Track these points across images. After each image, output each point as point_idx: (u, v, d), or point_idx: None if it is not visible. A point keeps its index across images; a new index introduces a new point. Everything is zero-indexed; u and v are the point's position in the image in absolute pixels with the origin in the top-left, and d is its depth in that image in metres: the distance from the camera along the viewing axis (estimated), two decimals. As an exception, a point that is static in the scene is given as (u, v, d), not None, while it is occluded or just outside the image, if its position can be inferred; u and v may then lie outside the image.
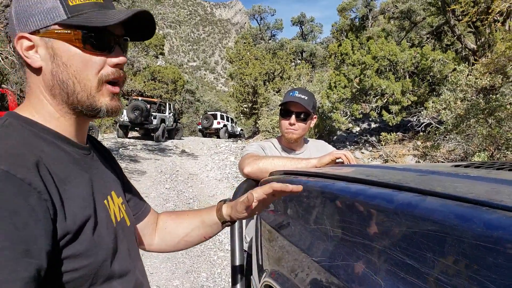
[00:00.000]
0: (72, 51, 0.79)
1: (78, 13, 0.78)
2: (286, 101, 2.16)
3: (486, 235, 0.62)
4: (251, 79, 21.19)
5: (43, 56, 0.79)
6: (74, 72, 0.80)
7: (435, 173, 1.13)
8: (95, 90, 0.82)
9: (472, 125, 6.63)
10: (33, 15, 0.77)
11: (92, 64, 0.81)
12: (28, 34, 0.78)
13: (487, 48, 11.10)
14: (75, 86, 0.80)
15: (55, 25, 0.78)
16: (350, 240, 0.94)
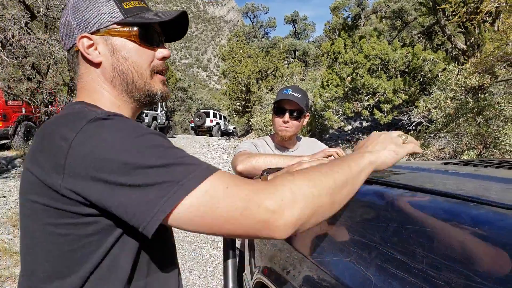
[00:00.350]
0: (130, 46, 0.91)
1: (132, 14, 0.91)
2: (280, 99, 2.16)
3: (474, 229, 0.63)
4: (244, 77, 21.14)
5: (102, 52, 0.91)
6: (132, 63, 0.92)
7: (425, 170, 1.15)
8: (149, 78, 0.95)
9: (461, 124, 6.70)
10: (92, 18, 0.90)
11: (146, 56, 0.93)
12: (88, 34, 0.90)
13: (477, 48, 11.22)
14: (134, 76, 0.92)
15: (113, 25, 0.90)
16: (341, 236, 0.95)
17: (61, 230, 0.76)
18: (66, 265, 0.78)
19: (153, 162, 0.71)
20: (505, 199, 0.70)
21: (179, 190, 0.70)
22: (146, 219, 0.69)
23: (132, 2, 0.93)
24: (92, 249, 0.77)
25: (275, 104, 2.21)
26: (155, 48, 0.96)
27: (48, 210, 0.75)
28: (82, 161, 0.70)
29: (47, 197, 0.74)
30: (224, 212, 0.71)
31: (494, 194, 0.76)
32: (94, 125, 0.74)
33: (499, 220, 0.63)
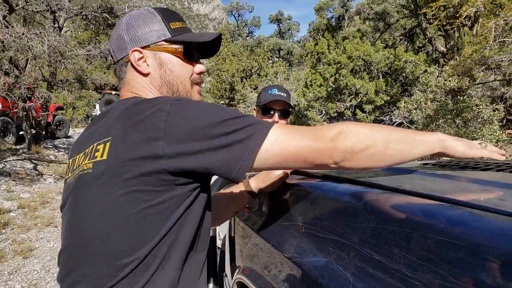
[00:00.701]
0: (175, 60, 1.05)
1: (178, 33, 1.05)
2: (270, 99, 2.16)
3: (449, 230, 0.64)
4: (228, 76, 21.08)
5: (151, 64, 1.04)
6: (178, 75, 1.05)
7: (403, 171, 1.16)
8: (190, 88, 1.08)
9: (441, 125, 6.83)
10: (144, 34, 1.03)
11: (187, 70, 1.07)
12: (140, 48, 1.03)
13: (456, 51, 11.45)
14: (179, 86, 1.06)
15: (162, 41, 1.03)
16: (320, 236, 0.95)
17: (147, 197, 0.83)
18: (142, 231, 0.84)
19: (234, 115, 0.85)
20: (480, 201, 0.71)
21: (263, 128, 0.84)
22: (242, 157, 0.83)
23: (177, 23, 1.07)
24: (166, 214, 0.85)
25: (263, 104, 2.20)
26: (194, 64, 1.09)
27: (140, 178, 0.82)
28: (179, 126, 0.81)
29: (144, 166, 0.82)
30: (299, 144, 0.85)
31: (470, 196, 0.77)
32: (179, 102, 0.86)
33: (474, 221, 0.64)
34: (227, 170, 0.83)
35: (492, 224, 0.62)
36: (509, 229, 0.59)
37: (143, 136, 0.82)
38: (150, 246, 0.85)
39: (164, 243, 0.86)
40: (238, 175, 0.84)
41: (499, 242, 0.56)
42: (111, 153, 0.85)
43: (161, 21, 1.04)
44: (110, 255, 0.84)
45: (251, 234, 1.35)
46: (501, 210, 0.64)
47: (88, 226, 0.87)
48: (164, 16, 1.05)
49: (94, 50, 11.74)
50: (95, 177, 0.86)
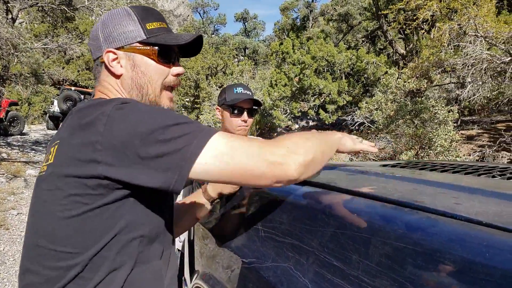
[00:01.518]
0: (149, 63, 1.01)
1: (154, 34, 1.01)
2: (240, 98, 2.12)
3: (407, 236, 0.63)
4: (193, 73, 20.85)
5: (124, 66, 1.01)
6: (149, 78, 1.02)
7: (363, 173, 1.16)
8: (159, 93, 1.04)
9: (400, 125, 7.05)
10: (118, 35, 1.00)
11: (162, 72, 1.03)
12: (114, 49, 1.00)
13: (415, 53, 11.87)
14: (149, 89, 1.02)
15: (136, 43, 1.00)
16: (280, 241, 0.94)
17: (87, 200, 0.81)
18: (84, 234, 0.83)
19: (175, 121, 0.82)
20: (437, 204, 0.71)
21: (203, 137, 0.81)
22: (179, 167, 0.79)
23: (155, 23, 1.03)
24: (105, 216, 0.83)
25: (232, 103, 2.15)
26: (171, 65, 1.05)
27: (78, 181, 0.81)
28: (117, 131, 0.79)
29: (81, 168, 0.80)
30: (244, 158, 0.82)
31: (427, 199, 0.77)
32: (123, 106, 0.84)
33: (431, 226, 0.63)
34: (164, 182, 0.80)
35: (448, 229, 0.62)
36: (464, 234, 0.59)
37: (84, 140, 0.81)
38: (94, 250, 0.83)
39: (112, 246, 0.85)
40: (177, 187, 0.81)
41: (455, 248, 0.56)
42: (57, 156, 0.86)
43: (136, 22, 1.02)
44: (56, 257, 0.84)
45: (210, 238, 1.31)
46: (456, 214, 0.64)
47: (39, 227, 0.88)
48: (140, 16, 1.02)
49: (52, 43, 11.27)
50: (45, 180, 0.87)
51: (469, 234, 0.58)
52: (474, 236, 0.58)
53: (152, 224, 0.91)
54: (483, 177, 1.02)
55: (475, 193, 0.82)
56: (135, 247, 0.88)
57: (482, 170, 1.11)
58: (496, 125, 10.22)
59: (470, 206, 0.72)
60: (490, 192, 0.81)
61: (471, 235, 0.58)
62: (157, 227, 0.93)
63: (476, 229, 0.59)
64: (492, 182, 0.95)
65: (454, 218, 0.64)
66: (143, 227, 0.89)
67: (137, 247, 0.88)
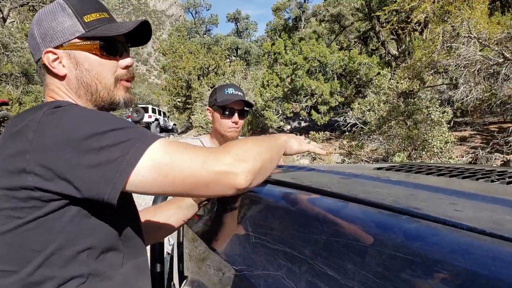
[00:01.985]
0: (92, 58, 0.95)
1: (93, 27, 0.94)
2: (230, 99, 2.09)
3: (405, 245, 0.60)
4: (185, 73, 20.78)
5: (67, 65, 0.95)
6: (96, 75, 0.96)
7: (358, 176, 1.13)
8: (113, 87, 0.99)
9: (393, 127, 7.06)
10: (55, 33, 0.93)
11: (108, 67, 0.97)
12: (53, 48, 0.94)
13: (407, 55, 11.94)
14: (98, 86, 0.97)
15: (75, 39, 0.94)
16: (271, 248, 0.90)
17: (20, 214, 0.76)
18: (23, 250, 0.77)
19: (111, 127, 0.76)
20: (436, 212, 0.68)
21: (141, 146, 0.75)
22: (112, 180, 0.73)
23: (93, 14, 0.96)
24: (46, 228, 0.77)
25: (222, 104, 2.12)
26: (118, 58, 1.00)
27: (9, 194, 0.75)
28: (47, 138, 0.74)
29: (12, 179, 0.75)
30: (186, 168, 0.77)
31: (426, 205, 0.74)
32: (54, 110, 0.79)
33: (431, 236, 0.60)
34: (97, 194, 0.74)
35: (450, 238, 0.58)
36: (467, 245, 0.55)
37: (14, 149, 0.76)
38: (32, 267, 0.76)
39: (53, 262, 0.78)
40: (111, 200, 0.74)
41: (458, 260, 0.52)
42: None
43: (72, 15, 0.94)
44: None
45: (200, 243, 1.27)
46: (457, 223, 0.61)
47: None
48: (76, 8, 0.95)
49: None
50: None
51: (473, 244, 0.55)
52: (478, 247, 0.54)
53: (102, 235, 0.84)
54: (482, 182, 0.99)
55: (475, 199, 0.79)
56: (84, 261, 0.81)
57: (479, 174, 1.08)
58: (488, 127, 10.30)
59: (471, 214, 0.69)
60: (491, 198, 0.77)
61: (475, 245, 0.55)
62: (110, 237, 0.87)
63: (479, 239, 0.56)
64: (491, 187, 0.92)
65: (455, 227, 0.61)
66: (90, 238, 0.82)
67: (86, 260, 0.81)
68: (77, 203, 0.78)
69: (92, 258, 0.82)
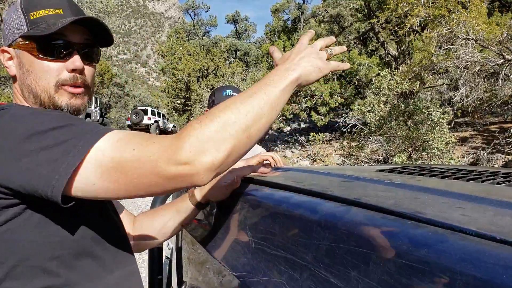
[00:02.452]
0: (31, 59, 0.89)
1: (36, 25, 0.87)
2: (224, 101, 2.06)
3: (412, 253, 0.58)
4: (184, 75, 20.77)
5: (15, 65, 0.92)
6: (35, 77, 0.89)
7: (360, 179, 1.10)
8: (54, 92, 0.90)
9: (393, 127, 7.04)
10: (9, 31, 0.90)
11: (48, 69, 0.89)
12: (6, 47, 0.92)
13: (407, 55, 11.93)
14: (37, 89, 0.90)
15: (19, 38, 0.89)
16: (271, 254, 0.88)
17: None
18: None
19: (51, 125, 0.71)
20: (443, 216, 0.66)
21: (83, 145, 0.69)
22: (51, 182, 0.67)
23: (41, 11, 0.89)
24: None
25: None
26: (63, 60, 0.91)
27: None
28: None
29: None
30: (135, 171, 0.69)
31: (431, 210, 0.71)
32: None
33: (439, 243, 0.57)
34: (41, 198, 0.69)
35: (459, 245, 0.56)
36: (477, 252, 0.53)
37: None
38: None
39: (18, 275, 0.74)
40: (57, 203, 0.69)
41: (468, 268, 0.50)
42: None
43: (20, 13, 0.89)
44: None
45: (198, 248, 1.25)
46: (465, 229, 0.58)
47: None
48: (25, 5, 0.89)
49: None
50: None
51: (483, 251, 0.53)
52: (489, 254, 0.52)
53: (69, 242, 0.79)
54: (487, 184, 0.97)
55: (482, 203, 0.76)
56: (53, 271, 0.76)
57: (484, 176, 1.05)
58: (489, 127, 10.29)
59: (479, 219, 0.66)
60: (498, 202, 0.75)
61: (485, 253, 0.52)
62: (81, 244, 0.82)
63: (490, 246, 0.53)
64: (497, 190, 0.90)
65: (464, 232, 0.58)
66: (57, 246, 0.77)
67: (56, 270, 0.77)
68: (36, 209, 0.74)
69: (64, 267, 0.78)
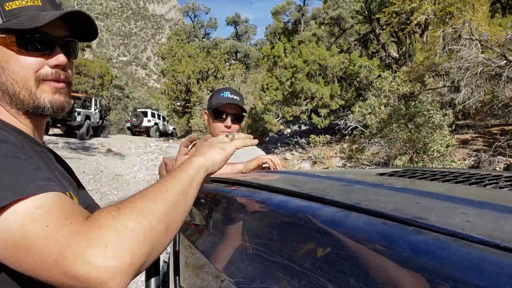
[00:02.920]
0: (9, 54, 0.82)
1: (13, 17, 0.81)
2: (223, 103, 2.05)
3: (413, 260, 0.56)
4: (184, 77, 20.77)
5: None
6: (12, 73, 0.83)
7: (360, 183, 1.08)
8: (35, 88, 0.85)
9: (394, 130, 7.02)
10: None
11: (28, 65, 0.84)
12: None
13: (408, 57, 11.92)
14: (14, 87, 0.83)
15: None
16: (269, 260, 0.86)
17: None
18: None
19: None
20: (445, 222, 0.64)
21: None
22: None
23: (17, 1, 0.82)
24: None
25: (215, 107, 2.08)
26: (46, 55, 0.86)
27: None
28: None
29: None
30: (37, 256, 0.57)
31: (433, 216, 0.69)
32: None
33: (441, 250, 0.55)
34: None
35: (461, 253, 0.54)
36: (481, 260, 0.51)
37: None
38: None
39: None
40: None
41: (471, 276, 0.48)
42: None
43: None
44: None
45: (196, 252, 1.23)
46: (468, 235, 0.57)
47: None
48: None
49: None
50: None
51: (487, 260, 0.51)
52: (493, 262, 0.50)
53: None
54: (490, 188, 0.95)
55: (485, 208, 0.74)
56: None
57: (487, 180, 1.03)
58: (490, 129, 10.27)
59: (482, 225, 0.64)
60: (502, 207, 0.73)
61: (489, 261, 0.50)
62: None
63: (494, 254, 0.51)
64: (501, 194, 0.88)
65: (467, 240, 0.56)
66: None
67: None
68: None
69: None
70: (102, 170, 10.85)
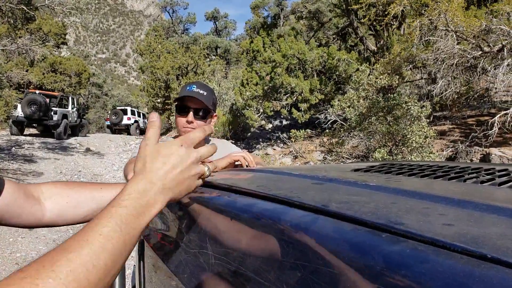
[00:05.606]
0: None
1: None
2: (183, 95, 1.94)
3: (386, 275, 0.48)
4: (163, 73, 20.45)
5: None
6: None
7: (332, 181, 1.00)
8: None
9: (373, 123, 7.02)
10: None
11: None
12: None
13: (386, 50, 11.98)
14: None
15: None
16: (232, 271, 0.77)
17: None
18: None
19: None
20: (422, 228, 0.56)
21: None
22: None
23: None
24: None
25: (177, 101, 1.97)
26: None
27: None
28: None
29: None
30: None
31: (410, 219, 0.61)
32: None
33: (419, 263, 0.47)
34: None
35: (441, 266, 0.46)
36: (464, 275, 0.43)
37: None
38: None
39: None
40: None
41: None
42: None
43: None
44: None
45: (157, 261, 1.13)
46: (450, 244, 0.48)
47: None
48: None
49: (11, 45, 10.77)
50: None
51: (473, 274, 0.43)
52: (480, 278, 0.42)
53: None
54: (470, 184, 0.87)
55: (467, 208, 0.66)
56: None
57: (466, 174, 0.96)
58: (467, 120, 10.43)
59: (465, 229, 0.56)
60: (485, 206, 0.65)
61: (475, 276, 0.42)
62: None
63: (480, 267, 0.43)
64: (482, 191, 0.81)
65: (448, 248, 0.48)
66: None
67: None
68: None
69: None
70: (80, 170, 10.60)
